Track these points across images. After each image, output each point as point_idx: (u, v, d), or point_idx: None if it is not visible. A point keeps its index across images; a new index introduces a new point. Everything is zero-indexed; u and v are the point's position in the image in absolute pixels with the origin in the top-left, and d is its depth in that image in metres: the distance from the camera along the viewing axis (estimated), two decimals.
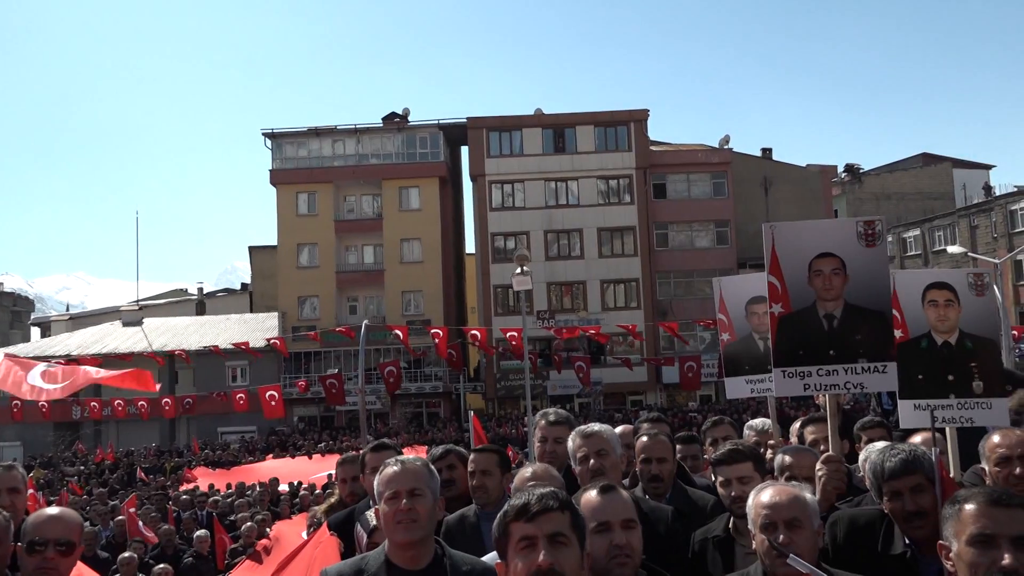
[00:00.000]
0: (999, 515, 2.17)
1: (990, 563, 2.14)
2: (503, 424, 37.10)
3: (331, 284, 45.63)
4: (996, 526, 2.16)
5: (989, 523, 2.17)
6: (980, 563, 2.16)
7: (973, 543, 2.18)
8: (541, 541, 2.05)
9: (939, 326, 3.39)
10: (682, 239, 45.95)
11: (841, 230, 3.44)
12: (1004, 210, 46.52)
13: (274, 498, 14.48)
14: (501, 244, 44.58)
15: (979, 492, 2.30)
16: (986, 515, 2.18)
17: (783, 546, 2.47)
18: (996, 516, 2.17)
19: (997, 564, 2.13)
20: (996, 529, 2.15)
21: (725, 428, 4.94)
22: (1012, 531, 2.14)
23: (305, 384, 33.11)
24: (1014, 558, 2.11)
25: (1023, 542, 2.14)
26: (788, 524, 2.54)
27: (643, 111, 46.05)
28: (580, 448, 3.63)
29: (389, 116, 47.88)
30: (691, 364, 25.54)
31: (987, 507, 2.19)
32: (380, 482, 2.80)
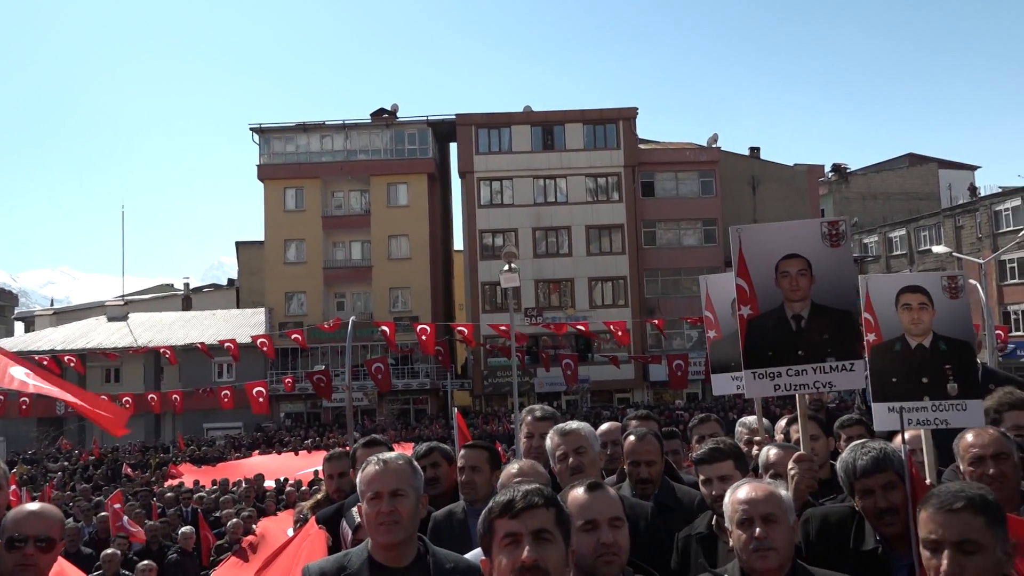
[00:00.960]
0: (943, 520, 2.24)
1: (936, 567, 2.23)
2: (490, 421, 37.10)
3: (318, 280, 45.51)
4: (941, 531, 2.23)
5: (936, 528, 2.24)
6: (931, 566, 2.26)
7: (925, 547, 2.29)
8: (526, 538, 2.04)
9: (913, 329, 3.41)
10: (670, 237, 46.07)
11: (806, 231, 3.47)
12: (989, 211, 46.87)
13: (260, 495, 14.42)
14: (489, 241, 44.56)
15: (934, 495, 2.34)
16: (933, 520, 2.26)
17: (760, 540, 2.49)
18: (941, 521, 2.24)
19: (940, 569, 2.21)
20: (941, 535, 2.23)
21: (712, 425, 4.97)
22: (953, 536, 2.21)
23: (292, 381, 33.01)
24: (952, 563, 2.19)
25: (968, 545, 2.20)
26: (764, 519, 2.56)
27: (632, 109, 46.12)
28: (558, 447, 3.64)
29: (378, 112, 47.76)
30: (679, 362, 25.66)
31: (935, 513, 2.27)
32: (362, 481, 2.79)
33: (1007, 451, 3.10)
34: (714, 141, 47.54)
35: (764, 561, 2.54)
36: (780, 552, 2.55)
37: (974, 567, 2.20)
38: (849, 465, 3.02)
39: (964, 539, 2.21)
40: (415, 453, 4.31)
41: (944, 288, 3.44)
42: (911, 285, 3.46)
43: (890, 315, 3.43)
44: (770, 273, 3.44)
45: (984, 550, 2.21)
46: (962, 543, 2.21)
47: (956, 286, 3.46)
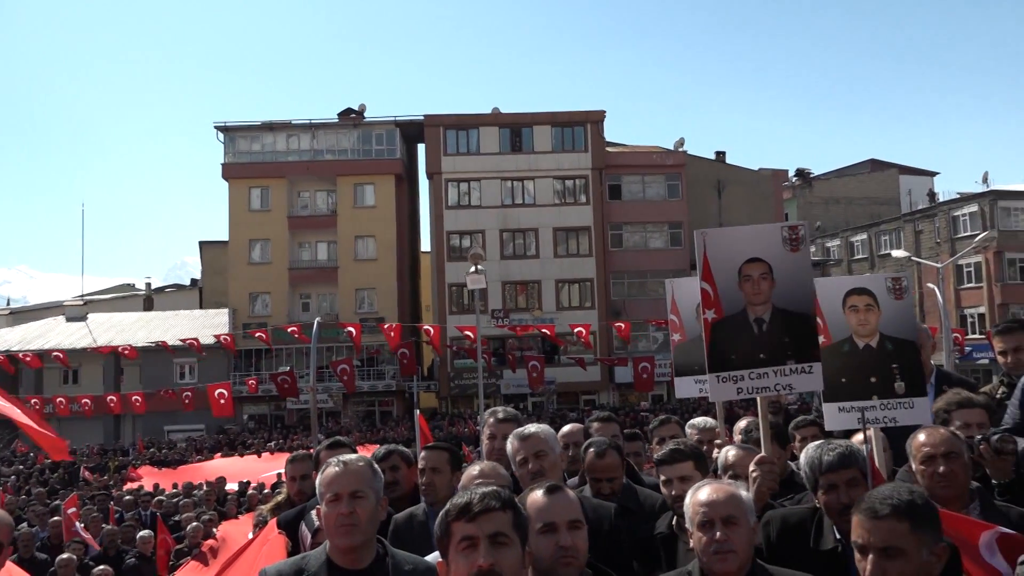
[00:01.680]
0: (869, 526, 2.29)
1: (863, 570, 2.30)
2: (456, 423, 37.02)
3: (283, 281, 45.08)
4: (867, 536, 2.29)
5: (863, 533, 2.30)
6: (860, 567, 2.32)
7: (855, 548, 2.35)
8: (482, 541, 2.04)
9: (860, 330, 3.49)
10: (636, 240, 46.38)
11: (767, 235, 3.52)
12: (947, 216, 47.87)
13: (221, 498, 14.23)
14: (457, 242, 44.49)
15: (864, 499, 2.38)
16: (860, 525, 2.32)
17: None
18: (868, 527, 2.29)
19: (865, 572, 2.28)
20: (866, 539, 2.29)
21: (672, 427, 5.00)
22: (877, 541, 2.26)
23: (256, 382, 32.68)
24: (875, 567, 2.25)
25: (891, 551, 2.26)
26: (725, 521, 2.58)
27: (599, 112, 46.37)
28: (518, 451, 3.62)
29: (345, 112, 47.45)
30: (645, 364, 25.82)
31: (861, 517, 2.32)
32: (321, 483, 2.77)
33: (957, 450, 3.16)
34: (680, 145, 47.96)
35: (724, 563, 2.55)
36: (740, 554, 2.57)
37: (896, 571, 2.25)
38: (815, 460, 3.07)
39: (887, 545, 2.26)
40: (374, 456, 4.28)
41: (889, 289, 3.51)
42: (857, 287, 3.54)
43: (838, 317, 3.50)
44: (733, 277, 3.47)
45: (906, 555, 2.25)
46: (886, 549, 2.26)
47: (900, 287, 3.53)
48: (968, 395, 3.84)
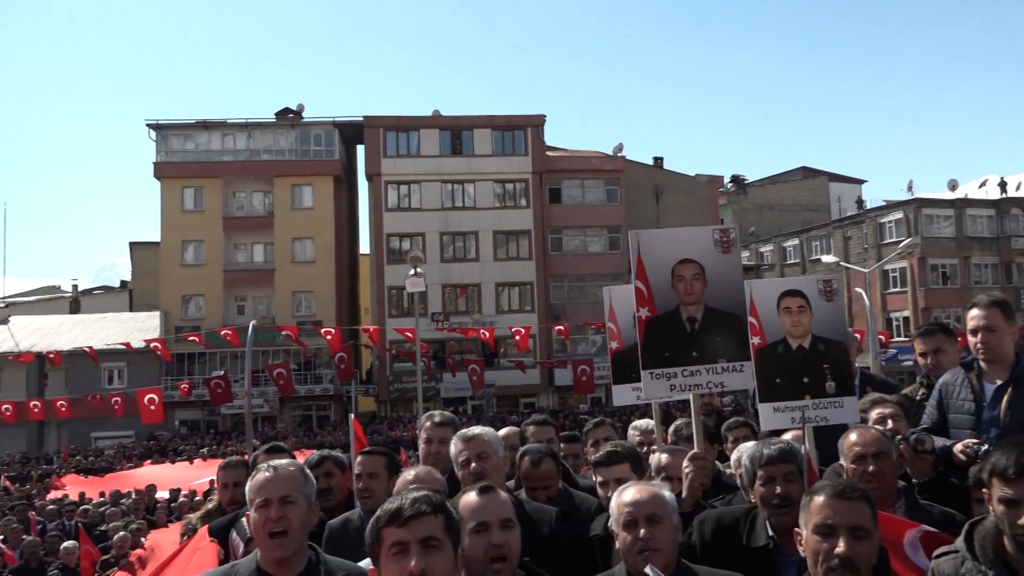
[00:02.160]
0: (840, 507, 2.38)
1: (828, 550, 2.35)
2: (395, 427, 36.75)
3: (218, 283, 44.11)
4: (836, 517, 2.37)
5: (831, 514, 2.38)
6: (821, 549, 2.38)
7: (817, 531, 2.40)
8: (413, 546, 2.03)
9: (793, 331, 3.58)
10: (576, 244, 46.77)
11: (699, 237, 3.62)
12: (874, 223, 49.54)
13: (150, 506, 13.84)
14: (396, 245, 44.20)
15: (828, 484, 2.49)
16: (829, 506, 2.39)
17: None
18: (837, 508, 2.38)
19: (833, 551, 2.34)
20: (836, 519, 2.37)
21: (606, 429, 5.05)
22: (849, 521, 2.36)
23: (188, 386, 31.89)
24: (848, 546, 2.33)
25: (860, 531, 2.37)
26: (648, 520, 2.62)
27: (540, 116, 46.64)
28: (461, 452, 3.62)
29: (283, 111, 46.73)
30: (584, 368, 26.04)
31: (831, 499, 2.40)
32: (251, 489, 2.71)
33: (887, 450, 3.28)
34: (619, 150, 48.58)
35: (649, 563, 2.58)
36: (664, 553, 2.60)
37: (864, 551, 2.36)
38: (756, 454, 3.15)
39: (858, 525, 2.37)
40: (307, 462, 4.22)
41: (821, 292, 3.62)
42: (791, 289, 3.63)
43: (773, 318, 3.58)
44: (666, 276, 3.55)
45: (871, 538, 2.39)
46: (856, 528, 2.36)
47: (831, 290, 3.64)
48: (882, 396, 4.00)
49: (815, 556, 2.40)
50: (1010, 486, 2.45)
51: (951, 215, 47.76)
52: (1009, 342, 3.98)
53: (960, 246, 47.18)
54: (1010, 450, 2.53)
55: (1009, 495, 2.45)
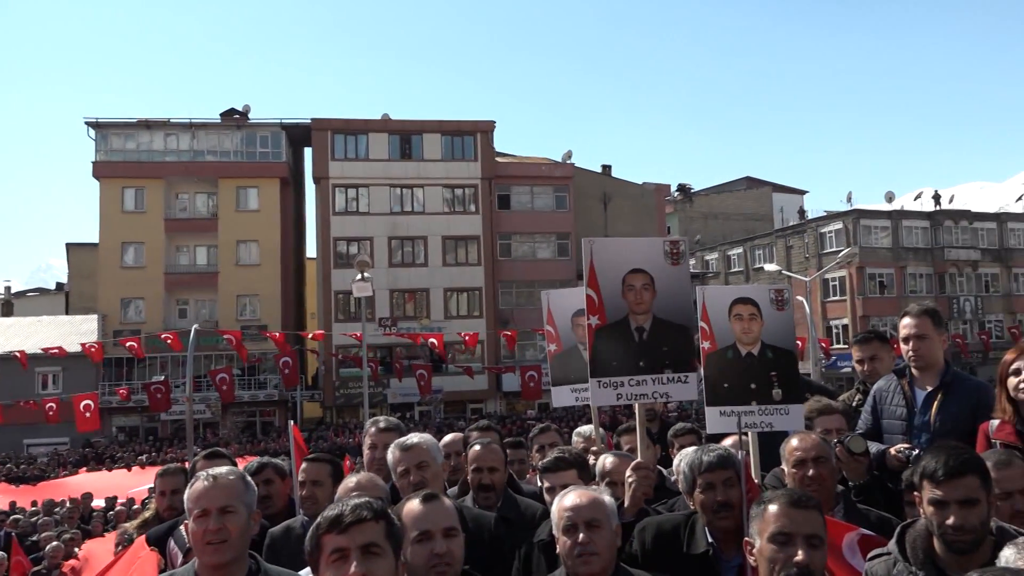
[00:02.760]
0: (797, 516, 2.41)
1: (786, 559, 2.38)
2: (340, 433, 36.34)
3: (159, 286, 43.08)
4: (793, 526, 2.40)
5: (788, 523, 2.41)
6: (778, 558, 2.40)
7: (773, 540, 2.42)
8: (353, 553, 2.01)
9: (744, 338, 3.64)
10: (524, 250, 46.89)
11: (650, 248, 3.66)
12: (815, 232, 50.76)
13: (86, 515, 13.41)
14: (344, 249, 43.75)
15: (782, 494, 2.53)
16: (786, 515, 2.42)
17: None
18: (794, 516, 2.41)
19: (792, 560, 2.36)
20: (793, 528, 2.40)
21: (551, 435, 5.07)
22: (806, 530, 2.40)
23: (127, 392, 31.07)
24: (806, 555, 2.36)
25: (815, 540, 2.41)
26: (588, 525, 2.64)
27: (490, 122, 46.70)
28: (400, 462, 3.59)
29: (228, 112, 45.92)
30: (532, 373, 26.08)
31: (787, 508, 2.43)
32: (189, 498, 2.66)
33: (826, 455, 3.36)
34: (568, 157, 48.90)
35: (587, 566, 2.61)
36: (602, 556, 2.63)
37: (819, 560, 2.41)
38: (696, 461, 3.19)
39: (813, 533, 2.41)
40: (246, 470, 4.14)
41: (772, 300, 3.69)
42: (742, 297, 3.69)
43: (723, 324, 3.64)
44: (617, 285, 3.57)
45: (824, 546, 2.44)
46: (811, 537, 2.40)
47: (782, 299, 3.72)
48: (828, 402, 4.08)
49: (771, 565, 2.42)
50: (939, 488, 2.53)
51: (888, 226, 49.20)
52: (939, 350, 4.11)
53: (896, 256, 48.63)
54: (939, 453, 2.61)
55: (938, 496, 2.53)
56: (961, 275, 50.01)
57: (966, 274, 50.20)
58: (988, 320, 49.46)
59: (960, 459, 2.56)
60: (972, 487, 2.51)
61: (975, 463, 2.59)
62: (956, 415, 3.91)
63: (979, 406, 3.89)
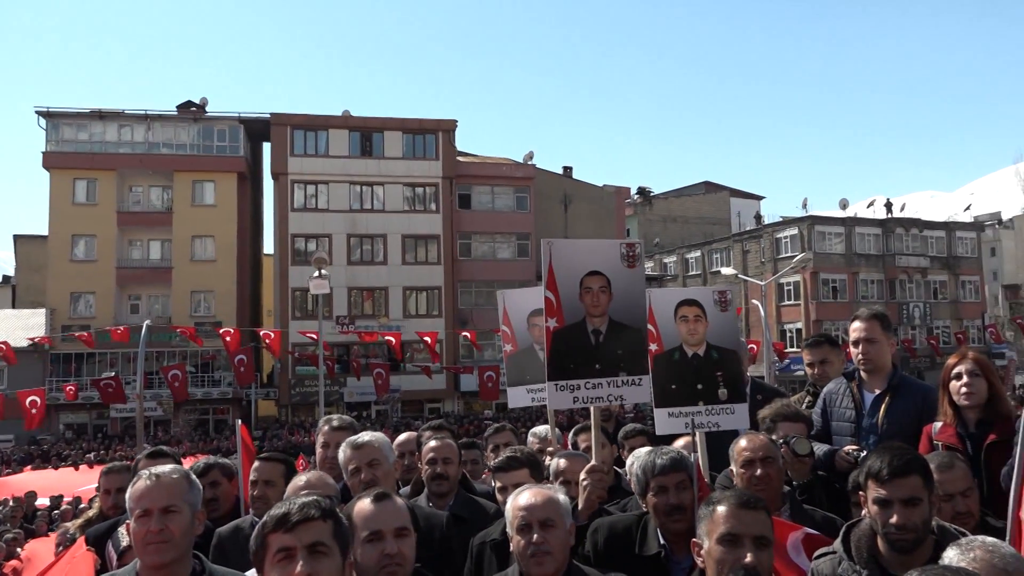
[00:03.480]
0: (745, 517, 2.43)
1: (734, 560, 2.40)
2: (296, 432, 35.94)
3: (110, 280, 42.19)
4: (742, 527, 2.41)
5: (736, 524, 2.42)
6: (726, 560, 2.41)
7: (721, 542, 2.43)
8: (299, 552, 1.97)
9: (689, 339, 3.69)
10: (484, 250, 46.88)
11: (607, 250, 3.65)
12: (771, 237, 51.59)
13: (29, 514, 13.08)
14: (302, 246, 43.29)
15: (730, 495, 2.53)
16: (734, 516, 2.43)
17: None
18: (742, 518, 2.43)
19: (740, 561, 2.38)
20: (741, 530, 2.41)
21: (506, 435, 5.07)
22: (754, 531, 2.41)
23: (75, 388, 30.36)
24: (754, 556, 2.38)
25: (763, 541, 2.42)
26: (542, 524, 2.64)
27: (451, 121, 46.60)
28: (351, 460, 3.56)
29: (185, 104, 45.17)
30: (490, 373, 26.05)
31: (736, 509, 2.44)
32: (131, 497, 2.60)
33: (773, 456, 3.41)
34: (530, 158, 49.02)
35: (541, 566, 2.61)
36: (556, 556, 2.62)
37: (766, 560, 2.42)
38: (648, 464, 3.20)
39: (761, 535, 2.43)
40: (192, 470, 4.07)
41: (716, 302, 3.73)
42: (688, 299, 3.73)
43: (670, 326, 3.67)
44: (575, 288, 3.56)
45: (771, 546, 2.47)
46: (759, 538, 2.42)
47: (726, 300, 3.76)
48: (796, 410, 4.13)
49: (719, 566, 2.43)
50: (883, 487, 2.57)
51: (842, 233, 50.20)
52: (887, 353, 4.20)
53: (849, 262, 49.63)
54: (883, 453, 2.66)
55: (882, 496, 2.57)
56: (911, 281, 51.21)
57: (916, 281, 51.42)
58: (936, 326, 50.71)
59: (904, 459, 2.60)
60: (915, 486, 2.56)
61: (918, 463, 2.64)
62: (903, 417, 4.00)
63: (925, 409, 3.98)
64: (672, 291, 3.97)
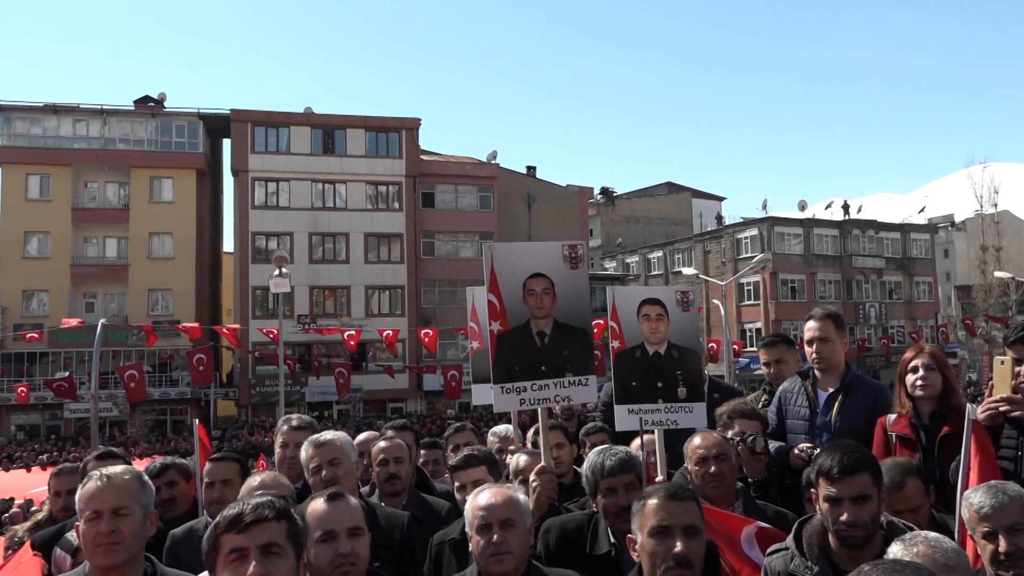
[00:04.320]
0: (674, 508, 2.46)
1: (666, 551, 2.42)
2: (255, 432, 35.53)
3: (64, 278, 41.29)
4: (671, 518, 2.44)
5: (666, 515, 2.45)
6: (658, 551, 2.44)
7: (653, 534, 2.46)
8: (252, 552, 1.95)
9: (651, 338, 3.72)
10: (448, 249, 46.77)
11: (550, 253, 3.69)
12: (732, 238, 52.25)
13: None
14: (262, 244, 42.78)
15: (660, 488, 2.56)
16: (664, 508, 2.46)
17: None
18: (672, 509, 2.45)
19: (671, 552, 2.41)
20: (671, 520, 2.43)
21: (467, 435, 5.08)
22: (684, 522, 2.44)
23: (27, 389, 29.63)
24: (684, 545, 2.42)
25: (693, 530, 2.45)
26: (502, 524, 2.65)
27: (415, 119, 46.41)
28: (312, 458, 3.54)
29: (143, 99, 44.36)
30: (453, 373, 25.96)
31: (665, 501, 2.47)
32: (80, 499, 2.56)
33: (726, 453, 3.46)
34: (493, 157, 49.01)
35: (501, 565, 2.61)
36: (516, 555, 2.64)
37: (696, 549, 2.45)
38: (597, 465, 3.22)
39: (690, 524, 2.46)
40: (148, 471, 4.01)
41: (678, 302, 3.77)
42: (650, 298, 3.77)
43: (632, 324, 3.71)
44: (518, 290, 3.58)
45: (702, 535, 2.50)
46: (688, 527, 2.45)
47: (688, 300, 3.81)
48: (753, 408, 4.19)
49: (652, 559, 2.45)
50: (834, 485, 2.62)
51: (800, 234, 51.01)
52: (841, 352, 4.28)
53: (807, 263, 50.45)
54: (834, 452, 2.71)
55: (832, 493, 2.62)
56: (867, 282, 52.22)
57: (871, 281, 52.45)
58: (891, 325, 51.79)
59: (853, 457, 2.65)
60: (865, 484, 2.61)
61: (867, 461, 2.69)
62: (855, 415, 4.08)
63: (877, 407, 4.07)
64: (635, 289, 4.01)
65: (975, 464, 3.04)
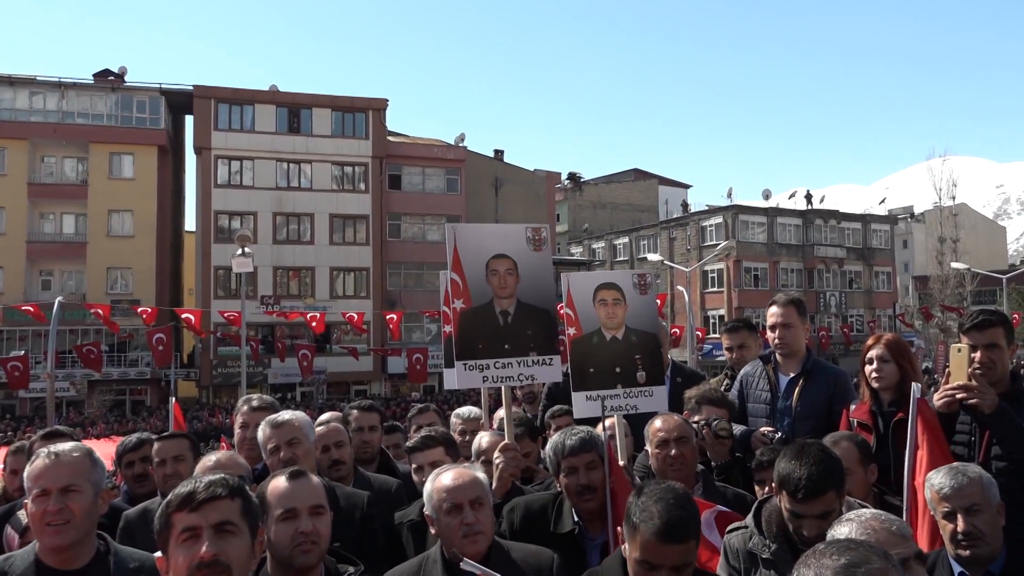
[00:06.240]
0: (664, 550, 2.30)
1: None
2: (216, 413, 35.15)
3: (20, 255, 40.32)
4: (659, 558, 2.31)
5: (654, 556, 2.31)
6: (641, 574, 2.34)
7: (639, 566, 2.35)
8: (205, 531, 1.91)
9: (608, 323, 3.73)
10: (414, 231, 46.52)
11: (513, 234, 3.70)
12: (697, 225, 52.65)
13: None
14: (225, 223, 42.14)
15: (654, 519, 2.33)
16: (653, 548, 2.30)
17: None
18: (661, 551, 2.30)
19: None
20: (659, 560, 2.31)
21: (430, 415, 5.06)
22: (671, 562, 2.31)
23: None
24: None
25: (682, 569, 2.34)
26: (473, 504, 2.66)
27: (382, 100, 45.96)
28: (270, 439, 3.50)
29: (102, 73, 43.31)
30: (418, 356, 25.87)
31: (655, 541, 2.30)
32: (28, 476, 2.49)
33: (687, 435, 3.48)
34: (461, 140, 48.75)
35: (475, 544, 2.63)
36: (487, 534, 2.66)
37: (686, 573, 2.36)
38: (559, 445, 3.23)
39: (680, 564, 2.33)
40: (123, 445, 3.94)
41: (635, 285, 3.78)
42: (607, 282, 3.77)
43: (588, 310, 3.71)
44: (481, 270, 3.59)
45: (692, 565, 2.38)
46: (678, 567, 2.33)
47: (645, 283, 3.81)
48: (722, 395, 4.20)
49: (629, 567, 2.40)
50: (798, 505, 2.57)
51: (764, 222, 51.57)
52: (802, 338, 4.33)
53: (771, 251, 51.05)
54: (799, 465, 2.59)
55: (796, 511, 2.59)
56: (828, 271, 53.01)
57: (833, 270, 53.25)
58: (850, 314, 52.68)
59: (819, 477, 2.55)
60: (829, 501, 2.55)
61: (833, 479, 2.58)
62: (815, 400, 4.14)
63: (836, 392, 4.13)
64: (591, 275, 4.01)
65: (923, 442, 3.10)
